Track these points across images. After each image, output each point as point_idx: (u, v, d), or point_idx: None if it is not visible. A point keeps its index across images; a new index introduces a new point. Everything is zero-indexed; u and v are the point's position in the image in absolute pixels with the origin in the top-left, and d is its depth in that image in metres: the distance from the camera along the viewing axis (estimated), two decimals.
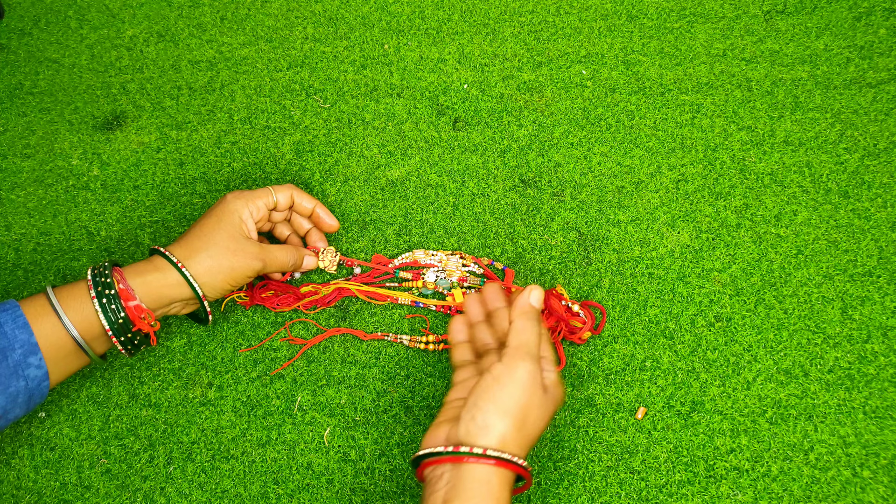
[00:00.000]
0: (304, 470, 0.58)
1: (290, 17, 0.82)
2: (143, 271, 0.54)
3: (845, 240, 0.67)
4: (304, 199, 0.62)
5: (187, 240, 0.56)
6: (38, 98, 0.76)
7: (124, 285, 0.52)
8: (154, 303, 0.54)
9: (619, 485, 0.57)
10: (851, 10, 0.80)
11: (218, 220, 0.56)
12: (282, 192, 0.61)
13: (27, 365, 0.49)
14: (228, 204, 0.58)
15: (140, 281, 0.53)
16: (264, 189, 0.60)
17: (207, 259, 0.55)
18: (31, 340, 0.49)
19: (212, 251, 0.55)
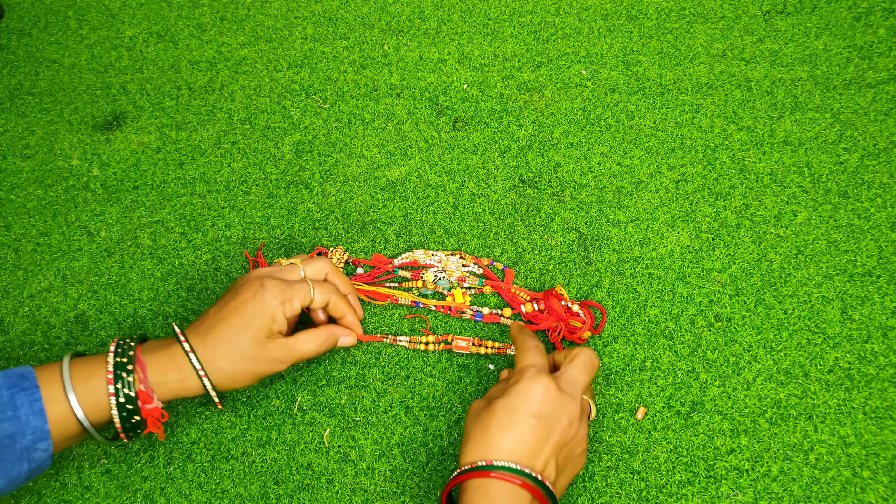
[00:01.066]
0: (304, 470, 0.58)
1: (289, 18, 0.82)
2: (166, 370, 0.51)
3: (845, 240, 0.67)
4: (340, 305, 0.58)
5: (212, 339, 0.53)
6: (37, 98, 0.76)
7: (145, 385, 0.51)
8: (167, 397, 0.52)
9: (618, 485, 0.57)
10: (851, 10, 0.81)
11: (249, 323, 0.53)
12: (321, 293, 0.57)
13: (35, 450, 0.48)
14: (265, 303, 0.53)
15: (160, 381, 0.51)
16: (302, 286, 0.56)
17: (230, 367, 0.52)
18: (45, 428, 0.48)
19: (237, 359, 0.53)
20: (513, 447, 0.48)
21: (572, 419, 0.50)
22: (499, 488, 0.47)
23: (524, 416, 0.49)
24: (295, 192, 0.71)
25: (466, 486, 0.48)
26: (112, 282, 0.66)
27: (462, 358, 0.62)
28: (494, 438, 0.48)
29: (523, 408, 0.49)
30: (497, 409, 0.50)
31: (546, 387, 0.50)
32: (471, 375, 0.61)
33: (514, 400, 0.50)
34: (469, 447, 0.49)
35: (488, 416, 0.50)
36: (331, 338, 0.58)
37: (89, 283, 0.66)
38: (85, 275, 0.66)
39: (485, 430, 0.49)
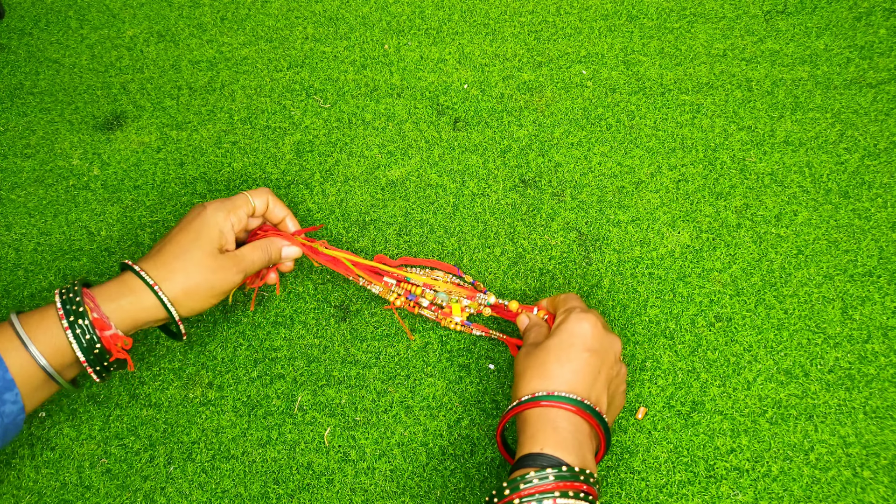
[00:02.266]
0: (305, 470, 0.58)
1: (290, 17, 0.82)
2: (117, 295, 0.51)
3: (846, 240, 0.67)
4: (278, 207, 0.60)
5: (162, 257, 0.52)
6: (38, 98, 0.76)
7: (98, 314, 0.50)
8: (129, 327, 0.51)
9: (619, 485, 0.57)
10: (852, 10, 0.80)
11: (196, 236, 0.53)
12: (258, 198, 0.58)
13: (3, 402, 0.47)
14: (208, 217, 0.54)
15: (114, 307, 0.50)
16: (241, 196, 0.57)
17: (185, 280, 0.52)
18: (7, 377, 0.47)
19: (190, 271, 0.52)
20: (570, 378, 0.50)
21: (617, 355, 0.53)
22: (559, 416, 0.49)
23: (578, 350, 0.51)
24: (295, 191, 0.71)
25: (526, 416, 0.50)
26: None
27: (462, 358, 0.62)
28: (552, 371, 0.50)
29: (577, 342, 0.51)
30: (551, 346, 0.52)
31: (594, 324, 0.52)
32: (471, 375, 0.61)
33: (566, 336, 0.52)
34: (525, 381, 0.51)
35: (543, 353, 0.52)
36: (272, 244, 0.59)
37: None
38: (85, 274, 0.66)
39: (541, 365, 0.51)
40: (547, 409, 0.49)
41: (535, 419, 0.49)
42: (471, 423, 0.59)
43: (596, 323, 0.53)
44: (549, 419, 0.49)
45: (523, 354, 0.53)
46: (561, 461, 0.47)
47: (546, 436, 0.48)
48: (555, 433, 0.48)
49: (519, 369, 0.53)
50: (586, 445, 0.49)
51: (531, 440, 0.48)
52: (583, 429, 0.49)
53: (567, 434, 0.48)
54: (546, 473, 0.46)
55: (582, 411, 0.49)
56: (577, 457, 0.47)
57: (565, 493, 0.45)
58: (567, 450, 0.47)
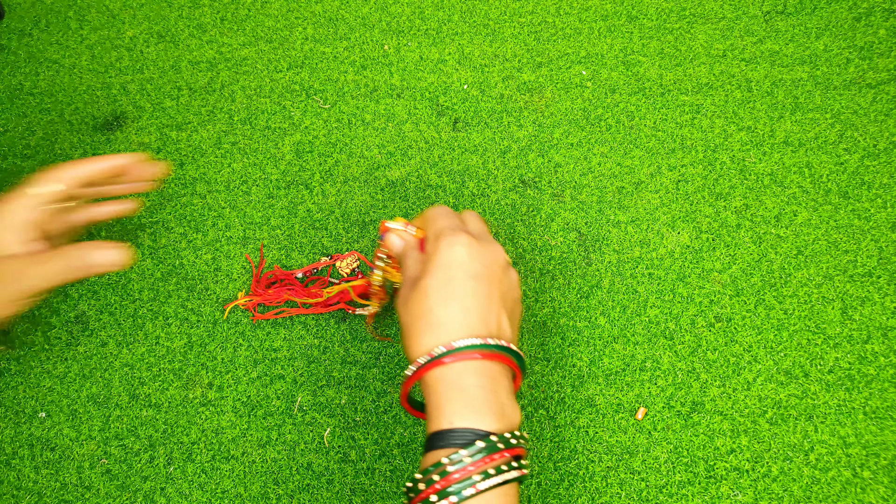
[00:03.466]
0: (305, 470, 0.58)
1: (290, 18, 0.82)
2: None
3: (845, 240, 0.67)
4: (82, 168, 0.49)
5: None
6: (38, 99, 0.76)
7: None
8: None
9: (619, 485, 0.57)
10: (851, 10, 0.81)
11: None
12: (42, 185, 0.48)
13: None
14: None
15: None
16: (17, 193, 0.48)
17: None
18: None
19: None
20: (462, 318, 0.43)
21: (503, 265, 0.47)
22: (464, 371, 0.42)
23: (460, 282, 0.44)
24: (295, 192, 0.71)
25: (427, 382, 0.43)
26: (112, 282, 0.66)
27: None
28: (440, 317, 0.43)
29: (456, 273, 0.44)
30: (430, 287, 0.44)
31: (468, 244, 0.45)
32: None
33: (443, 270, 0.45)
34: (415, 337, 0.44)
35: (423, 298, 0.44)
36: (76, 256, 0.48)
37: (89, 283, 0.66)
38: None
39: (427, 314, 0.44)
40: (449, 367, 0.42)
41: (437, 383, 0.42)
42: None
43: (470, 242, 0.45)
44: (452, 380, 0.42)
45: (402, 300, 0.46)
46: (475, 432, 0.40)
47: (453, 404, 0.42)
48: (462, 395, 0.42)
49: (403, 322, 0.45)
50: (502, 389, 0.43)
51: (437, 412, 0.42)
52: (493, 372, 0.43)
53: (477, 391, 0.42)
54: (460, 456, 0.40)
55: (489, 353, 0.43)
56: (495, 414, 0.41)
57: (486, 473, 0.39)
58: (480, 412, 0.41)
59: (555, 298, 0.65)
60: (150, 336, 0.63)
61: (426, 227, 0.49)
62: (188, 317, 0.64)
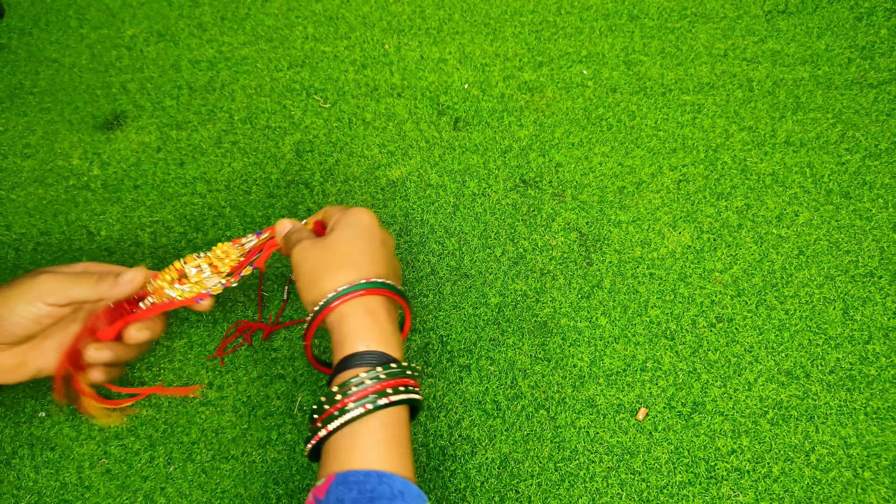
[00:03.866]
0: (305, 470, 0.58)
1: (290, 17, 0.82)
2: None
3: (847, 240, 0.67)
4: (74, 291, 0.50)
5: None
6: (38, 98, 0.76)
7: None
8: None
9: (619, 486, 0.57)
10: (853, 10, 0.80)
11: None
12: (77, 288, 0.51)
13: None
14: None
15: None
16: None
17: None
18: None
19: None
20: (369, 263, 0.50)
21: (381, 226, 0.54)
22: (374, 304, 0.48)
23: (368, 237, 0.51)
24: (295, 191, 0.71)
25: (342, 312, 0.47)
26: None
27: (462, 358, 0.62)
28: (355, 259, 0.49)
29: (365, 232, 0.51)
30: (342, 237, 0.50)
31: (370, 212, 0.53)
32: (471, 376, 0.61)
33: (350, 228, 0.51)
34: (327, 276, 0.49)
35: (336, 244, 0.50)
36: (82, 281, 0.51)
37: None
38: None
39: (341, 257, 0.49)
40: (360, 300, 0.48)
41: (353, 313, 0.47)
42: (471, 424, 0.59)
43: (373, 215, 0.53)
44: (366, 310, 0.47)
45: (303, 250, 0.51)
46: (389, 357, 0.46)
47: (368, 330, 0.47)
48: (377, 326, 0.47)
49: (309, 267, 0.50)
50: (395, 323, 0.49)
51: (353, 336, 0.47)
52: (393, 314, 0.49)
53: (387, 325, 0.47)
54: (377, 373, 0.44)
55: (394, 294, 0.49)
56: (399, 347, 0.47)
57: (397, 390, 0.44)
58: (389, 343, 0.47)
59: (556, 298, 0.65)
60: None
61: (327, 215, 0.55)
62: (188, 316, 0.64)
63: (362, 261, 0.49)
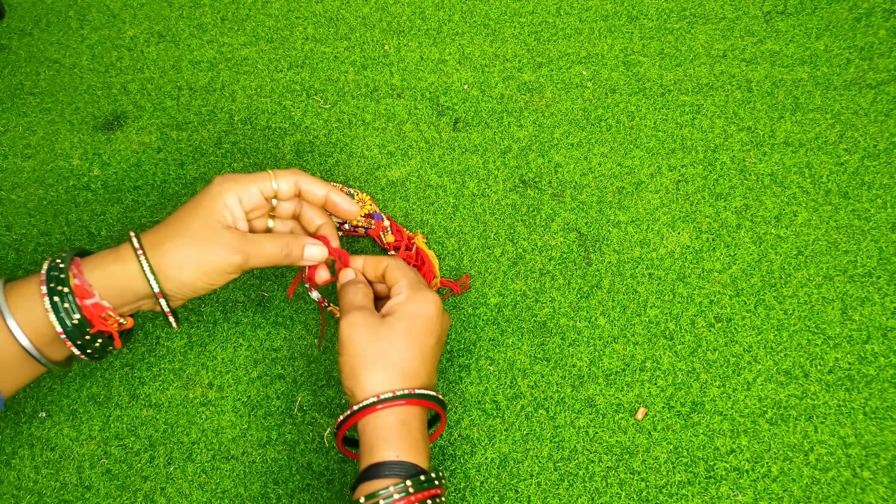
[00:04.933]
0: (305, 470, 0.58)
1: (290, 18, 0.82)
2: (105, 262, 0.45)
3: (845, 240, 0.67)
4: (314, 185, 0.51)
5: (160, 228, 0.47)
6: (38, 98, 0.76)
7: (80, 280, 0.44)
8: (118, 298, 0.46)
9: (619, 485, 0.57)
10: (851, 10, 0.81)
11: (195, 206, 0.47)
12: (284, 178, 0.50)
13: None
14: (213, 187, 0.48)
15: (100, 274, 0.45)
16: (262, 173, 0.50)
17: (175, 249, 0.45)
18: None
19: (181, 240, 0.46)
20: (418, 368, 0.47)
21: (443, 313, 0.51)
22: (411, 414, 0.46)
23: (426, 336, 0.48)
24: None
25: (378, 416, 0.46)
26: None
27: (462, 358, 0.62)
28: (403, 362, 0.47)
29: (425, 327, 0.48)
30: (398, 331, 0.48)
31: (438, 304, 0.50)
32: (471, 375, 0.61)
33: (416, 322, 0.48)
34: (369, 372, 0.47)
35: (388, 335, 0.48)
36: (295, 241, 0.51)
37: None
38: None
39: (388, 354, 0.47)
40: (399, 409, 0.46)
41: (387, 420, 0.46)
42: (471, 424, 0.59)
43: (439, 303, 0.50)
44: (401, 420, 0.46)
45: (353, 327, 0.48)
46: (418, 468, 0.45)
47: (400, 439, 0.45)
48: (409, 435, 0.45)
49: (355, 351, 0.47)
50: (425, 431, 0.48)
51: (384, 443, 0.45)
52: (424, 420, 0.48)
53: (418, 434, 0.46)
54: (405, 486, 0.43)
55: (435, 405, 0.47)
56: (426, 455, 0.46)
57: (423, 503, 0.43)
58: (419, 452, 0.45)
59: (555, 298, 0.65)
60: (150, 336, 0.63)
61: (389, 275, 0.52)
62: (188, 316, 0.64)
63: (412, 366, 0.47)
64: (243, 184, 0.49)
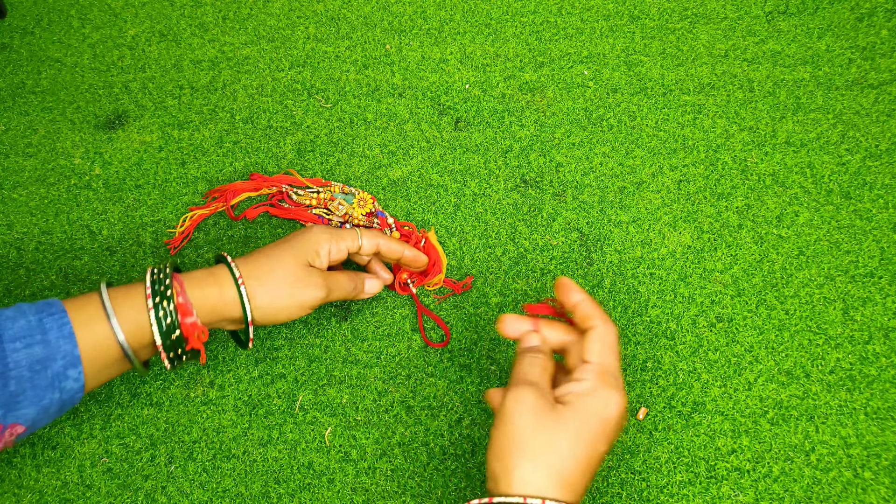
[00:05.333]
0: (306, 469, 0.58)
1: (291, 17, 0.82)
2: (203, 283, 0.50)
3: (847, 241, 0.67)
4: (393, 246, 0.59)
5: (255, 258, 0.53)
6: (40, 97, 0.76)
7: (183, 298, 0.49)
8: (208, 317, 0.51)
9: (619, 485, 0.57)
10: (853, 10, 0.80)
11: (291, 247, 0.54)
12: (368, 240, 0.58)
13: (65, 377, 0.46)
14: (311, 233, 0.55)
15: (199, 294, 0.50)
16: (352, 231, 0.57)
17: (271, 282, 0.52)
18: (75, 352, 0.46)
19: (277, 276, 0.52)
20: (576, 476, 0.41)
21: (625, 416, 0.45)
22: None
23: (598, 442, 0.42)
24: None
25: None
26: (114, 281, 0.66)
27: (463, 358, 0.62)
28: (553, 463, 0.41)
29: (600, 430, 0.42)
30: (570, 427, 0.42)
31: (623, 407, 0.44)
32: (472, 375, 0.61)
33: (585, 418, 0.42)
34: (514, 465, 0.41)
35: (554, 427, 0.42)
36: (359, 278, 0.59)
37: (91, 283, 0.66)
38: (87, 273, 0.66)
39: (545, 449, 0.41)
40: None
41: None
42: (472, 423, 0.59)
43: (625, 405, 0.44)
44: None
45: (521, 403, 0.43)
46: None
47: None
48: None
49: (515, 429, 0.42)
50: None
51: None
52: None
53: None
54: None
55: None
56: None
57: None
58: None
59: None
60: None
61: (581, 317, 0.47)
62: None
63: (572, 475, 0.41)
64: (337, 239, 0.56)
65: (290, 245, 0.54)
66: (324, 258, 0.55)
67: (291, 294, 0.52)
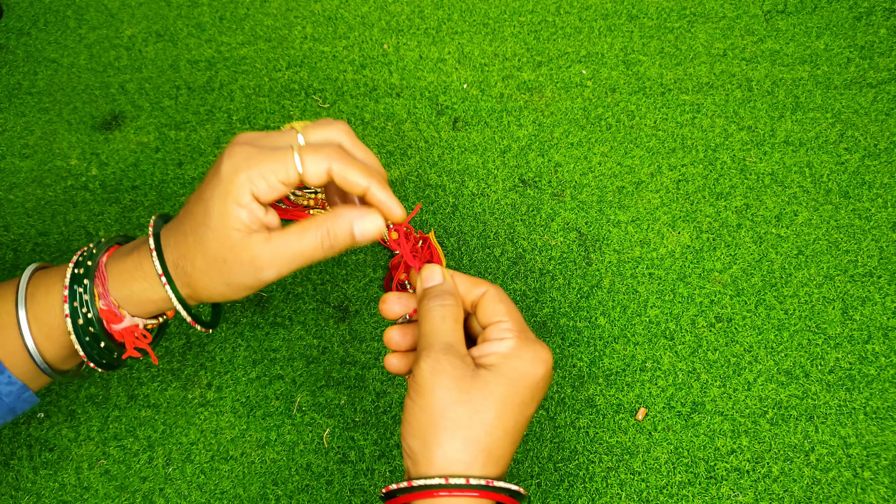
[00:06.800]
0: (304, 471, 0.58)
1: (288, 17, 0.82)
2: (129, 278, 0.41)
3: (846, 240, 0.67)
4: (352, 174, 0.38)
5: (181, 232, 0.40)
6: (36, 98, 0.76)
7: (106, 303, 0.40)
8: (146, 313, 0.42)
9: (619, 486, 0.57)
10: (852, 9, 0.80)
11: (207, 210, 0.38)
12: (313, 161, 0.38)
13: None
14: (223, 180, 0.38)
15: (125, 293, 0.41)
16: (284, 151, 0.38)
17: (196, 272, 0.39)
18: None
19: (200, 263, 0.39)
20: (503, 448, 0.37)
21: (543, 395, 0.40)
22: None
23: (524, 406, 0.38)
24: None
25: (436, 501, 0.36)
26: None
27: None
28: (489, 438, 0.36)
29: (526, 395, 0.37)
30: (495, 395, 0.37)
31: (549, 360, 0.38)
32: None
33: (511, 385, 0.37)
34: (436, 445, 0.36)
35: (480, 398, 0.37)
36: (336, 226, 0.39)
37: None
38: None
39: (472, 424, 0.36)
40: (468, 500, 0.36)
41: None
42: None
43: (551, 361, 0.39)
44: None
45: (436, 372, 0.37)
46: None
47: None
48: None
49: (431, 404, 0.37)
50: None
51: None
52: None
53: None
54: None
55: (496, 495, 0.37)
56: None
57: None
58: None
59: (555, 298, 0.64)
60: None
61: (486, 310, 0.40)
62: None
63: (498, 446, 0.36)
64: (260, 175, 0.37)
65: (203, 206, 0.38)
66: (249, 207, 0.38)
67: (226, 281, 0.39)
